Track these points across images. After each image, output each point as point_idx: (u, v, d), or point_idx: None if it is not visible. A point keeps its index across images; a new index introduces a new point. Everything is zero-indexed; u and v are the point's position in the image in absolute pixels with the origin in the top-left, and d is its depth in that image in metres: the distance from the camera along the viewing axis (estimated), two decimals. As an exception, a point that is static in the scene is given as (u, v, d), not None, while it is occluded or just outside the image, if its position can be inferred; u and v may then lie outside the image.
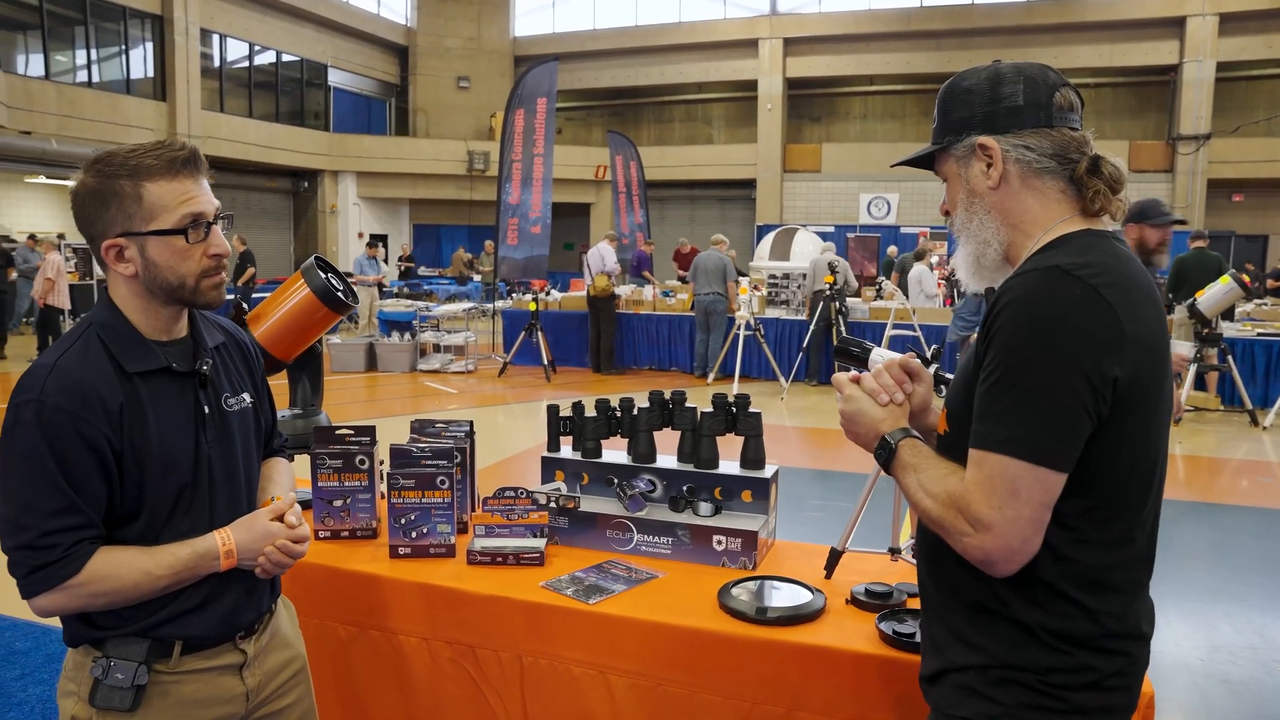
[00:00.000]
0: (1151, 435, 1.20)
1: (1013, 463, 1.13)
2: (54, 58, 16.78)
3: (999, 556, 1.15)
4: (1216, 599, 4.20)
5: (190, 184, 1.40)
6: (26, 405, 1.32)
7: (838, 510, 5.34)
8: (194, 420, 1.46)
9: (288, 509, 1.52)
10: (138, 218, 1.37)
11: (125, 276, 1.41)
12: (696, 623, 1.84)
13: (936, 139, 1.36)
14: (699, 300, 10.29)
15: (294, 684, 1.65)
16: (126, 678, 1.39)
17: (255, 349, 1.67)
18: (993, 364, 1.16)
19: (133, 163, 1.37)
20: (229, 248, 1.47)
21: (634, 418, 2.34)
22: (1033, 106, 1.27)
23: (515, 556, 2.14)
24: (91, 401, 1.34)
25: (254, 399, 1.60)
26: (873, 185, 21.47)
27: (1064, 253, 1.20)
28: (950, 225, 1.39)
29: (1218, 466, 6.97)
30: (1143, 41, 20.02)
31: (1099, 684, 1.19)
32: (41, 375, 1.34)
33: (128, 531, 1.41)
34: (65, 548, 1.33)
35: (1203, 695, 3.31)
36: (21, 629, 3.56)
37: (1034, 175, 1.28)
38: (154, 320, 1.45)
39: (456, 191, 22.87)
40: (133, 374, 1.39)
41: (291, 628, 1.71)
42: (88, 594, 1.35)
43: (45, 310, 11.56)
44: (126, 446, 1.37)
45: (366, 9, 23.43)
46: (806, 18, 22.49)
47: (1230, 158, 19.39)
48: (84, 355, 1.38)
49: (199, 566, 1.42)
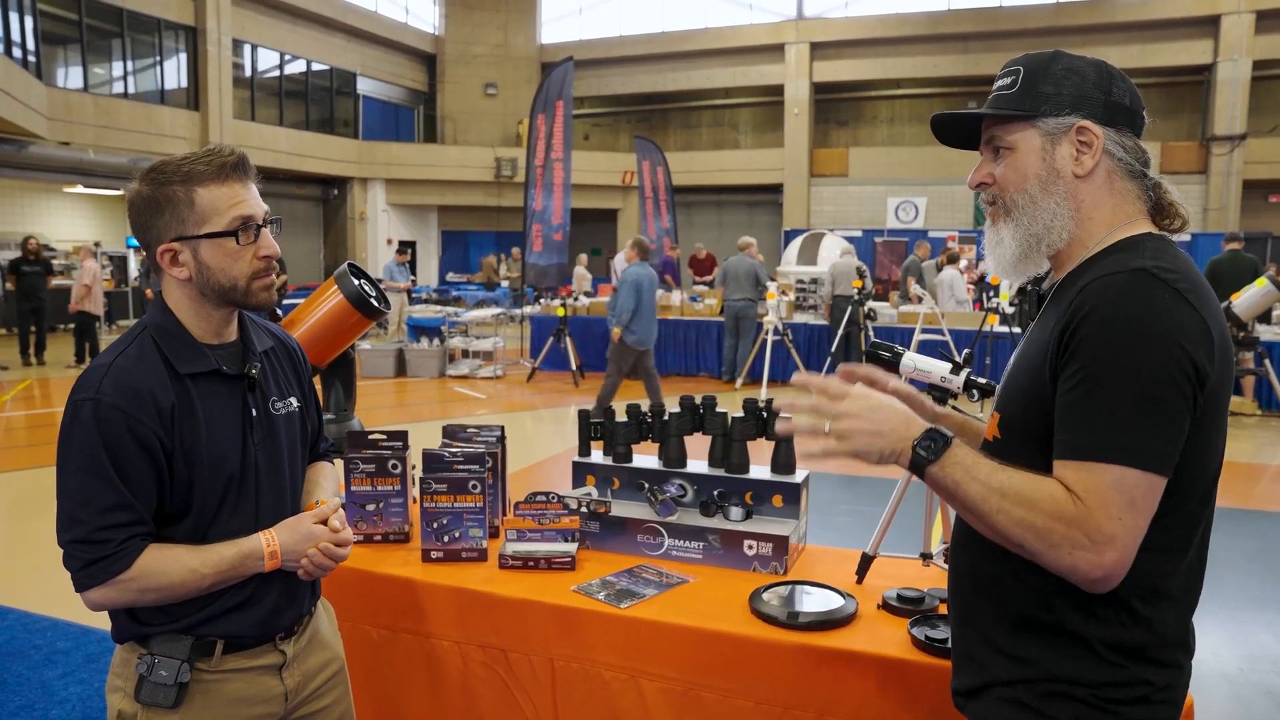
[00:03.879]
0: (1217, 441, 1.19)
1: (1130, 472, 1.08)
2: (92, 70, 17.12)
3: (1117, 572, 1.09)
4: (1257, 607, 4.12)
5: (239, 188, 1.44)
6: (84, 403, 1.36)
7: (868, 515, 5.31)
8: (242, 422, 1.49)
9: (331, 513, 1.55)
10: (190, 222, 1.41)
11: (180, 280, 1.45)
12: (728, 627, 1.84)
13: (1022, 105, 1.25)
14: (729, 305, 10.24)
15: (332, 685, 1.68)
16: (170, 675, 1.42)
17: (303, 355, 1.70)
18: (1085, 373, 1.11)
19: (185, 169, 1.41)
20: (278, 249, 1.50)
21: (665, 423, 2.34)
22: (1134, 112, 1.25)
23: (547, 561, 2.15)
24: (145, 401, 1.37)
25: (301, 404, 1.63)
26: (900, 189, 21.33)
27: (1141, 255, 1.16)
28: (997, 199, 1.29)
29: (1255, 472, 6.84)
30: (1175, 41, 19.74)
31: (1149, 698, 1.17)
32: (98, 374, 1.38)
33: (176, 530, 1.44)
34: (118, 543, 1.36)
35: (1244, 705, 3.25)
36: (63, 629, 3.63)
37: (1120, 176, 1.25)
38: (206, 323, 1.48)
39: (484, 198, 23.01)
40: (184, 375, 1.43)
41: (331, 630, 1.74)
42: (137, 589, 1.38)
43: (81, 316, 11.77)
44: (177, 445, 1.40)
45: (395, 18, 23.67)
46: (833, 22, 22.41)
47: (1266, 158, 19.04)
48: (139, 356, 1.42)
49: (244, 566, 1.45)
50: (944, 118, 1.34)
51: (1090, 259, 1.23)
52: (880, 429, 1.21)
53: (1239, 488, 6.36)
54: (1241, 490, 6.32)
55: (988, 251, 1.33)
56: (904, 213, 21.18)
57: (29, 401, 9.46)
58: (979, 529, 1.19)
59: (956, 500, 1.18)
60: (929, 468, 1.18)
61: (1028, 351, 1.25)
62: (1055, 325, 1.17)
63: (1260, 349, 8.10)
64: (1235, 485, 6.40)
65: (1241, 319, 7.67)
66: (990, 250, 1.32)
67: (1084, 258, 1.24)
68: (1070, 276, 1.24)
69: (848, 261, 10.21)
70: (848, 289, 9.78)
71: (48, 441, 7.69)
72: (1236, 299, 7.68)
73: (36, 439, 7.80)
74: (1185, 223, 1.27)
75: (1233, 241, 9.24)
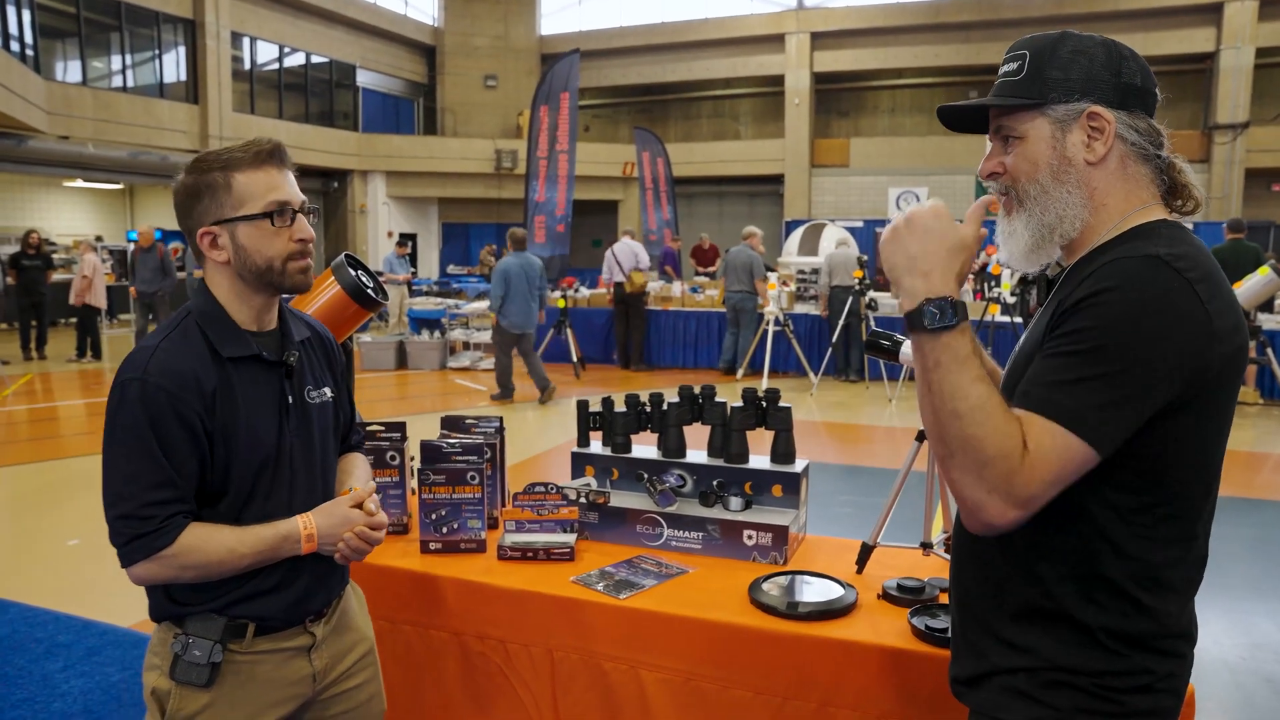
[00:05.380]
0: (1223, 432, 1.18)
1: (1082, 447, 1.07)
2: (90, 63, 17.08)
3: (1010, 527, 1.10)
4: (1258, 596, 4.12)
5: (276, 174, 1.51)
6: (131, 383, 1.42)
7: (868, 505, 5.30)
8: (279, 408, 1.54)
9: (366, 497, 1.59)
10: (228, 205, 1.48)
11: (219, 264, 1.52)
12: (727, 617, 1.84)
13: (1029, 92, 1.21)
14: (728, 297, 10.25)
15: (361, 667, 1.71)
16: (203, 655, 1.47)
17: (337, 347, 1.75)
18: (1078, 336, 1.09)
19: (224, 158, 1.49)
20: (313, 233, 1.55)
21: (664, 413, 2.34)
22: (1146, 91, 1.22)
23: (545, 552, 2.15)
24: (188, 383, 1.43)
25: (334, 394, 1.68)
26: (902, 179, 21.27)
27: (1155, 242, 1.14)
28: (1009, 189, 1.26)
29: (1257, 461, 6.83)
30: (1177, 29, 19.65)
31: (1151, 686, 1.17)
32: (145, 356, 1.44)
33: (212, 512, 1.49)
34: (161, 519, 1.41)
35: (1245, 694, 3.25)
36: (64, 622, 3.63)
37: (1134, 160, 1.22)
38: (247, 310, 1.54)
39: (485, 190, 22.97)
40: (226, 359, 1.49)
41: (361, 613, 1.77)
42: (178, 565, 1.43)
43: (83, 310, 11.77)
44: (217, 427, 1.46)
45: (394, 9, 23.60)
46: (833, 11, 22.33)
47: (1270, 146, 18.98)
48: (184, 339, 1.48)
49: (281, 548, 1.50)
50: (951, 109, 1.31)
51: (1102, 245, 1.21)
52: (910, 248, 1.16)
53: (1241, 477, 6.35)
54: (1243, 479, 6.31)
55: (1001, 242, 1.30)
56: (905, 203, 21.13)
57: (30, 396, 9.47)
58: (925, 416, 1.15)
59: (930, 379, 1.13)
60: (922, 333, 1.13)
61: (1031, 337, 1.24)
62: (1057, 306, 1.16)
63: (1262, 338, 8.08)
64: (1237, 474, 6.39)
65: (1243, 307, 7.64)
66: (1004, 241, 1.30)
67: (1096, 244, 1.22)
68: (1081, 263, 1.22)
69: (844, 252, 10.18)
70: (847, 279, 9.74)
71: (49, 436, 7.70)
72: (1238, 288, 7.65)
73: (38, 433, 7.81)
74: (1199, 203, 1.25)
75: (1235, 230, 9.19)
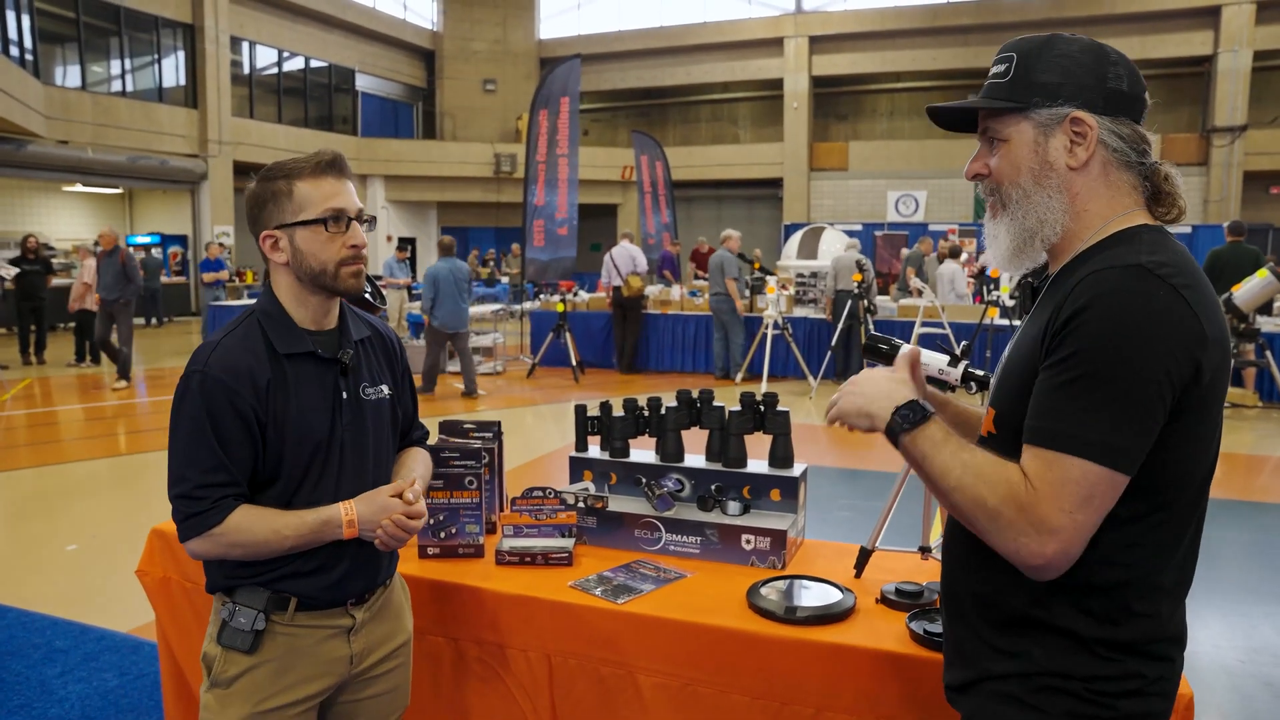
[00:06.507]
0: (1215, 437, 1.18)
1: (1093, 468, 1.07)
2: (90, 68, 17.10)
3: (1059, 563, 1.09)
4: (1257, 599, 4.11)
5: (335, 183, 1.61)
6: (193, 375, 1.54)
7: (867, 509, 5.30)
8: (332, 403, 1.63)
9: (407, 487, 1.65)
10: (289, 211, 1.59)
11: (280, 265, 1.62)
12: (725, 622, 1.84)
13: (1015, 95, 1.22)
14: (710, 301, 10.30)
15: (395, 656, 1.77)
16: (248, 622, 1.58)
17: (401, 347, 1.82)
18: (1071, 361, 1.09)
19: (288, 167, 1.60)
20: (366, 240, 1.64)
21: (661, 417, 2.33)
22: (1133, 97, 1.21)
23: (543, 556, 2.14)
24: (243, 376, 1.54)
25: (393, 391, 1.76)
26: (900, 183, 21.32)
27: (1137, 249, 1.14)
28: (994, 190, 1.27)
29: (1256, 464, 6.83)
30: (1175, 33, 19.71)
31: (1142, 690, 1.17)
32: (208, 351, 1.56)
33: (265, 497, 1.59)
34: (213, 500, 1.52)
35: (1244, 698, 3.25)
36: (61, 628, 3.63)
37: (1116, 167, 1.22)
38: (306, 310, 1.64)
39: (484, 194, 22.99)
40: (282, 355, 1.59)
41: (405, 606, 1.84)
42: (227, 543, 1.54)
43: (81, 315, 11.75)
44: (270, 418, 1.56)
45: (393, 14, 23.64)
46: (832, 15, 22.38)
47: (1267, 149, 19.03)
48: (244, 336, 1.59)
49: (323, 532, 1.58)
50: (939, 109, 1.32)
51: (1085, 252, 1.21)
52: (867, 393, 1.27)
53: (1239, 480, 6.35)
54: (1242, 482, 6.31)
55: (987, 244, 1.32)
56: (904, 206, 21.17)
57: (29, 401, 9.46)
58: (941, 503, 1.21)
59: (923, 471, 1.20)
60: (902, 436, 1.21)
61: (1020, 347, 1.24)
62: (1046, 319, 1.16)
63: (1261, 340, 8.08)
64: (1236, 477, 6.39)
65: (1242, 310, 7.64)
66: (989, 243, 1.31)
67: (1078, 250, 1.22)
68: (1065, 270, 1.22)
69: (849, 255, 10.19)
70: (847, 283, 9.75)
71: (48, 441, 7.69)
72: (1237, 290, 7.65)
73: (37, 438, 7.80)
74: (1182, 212, 1.25)
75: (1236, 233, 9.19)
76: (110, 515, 5.51)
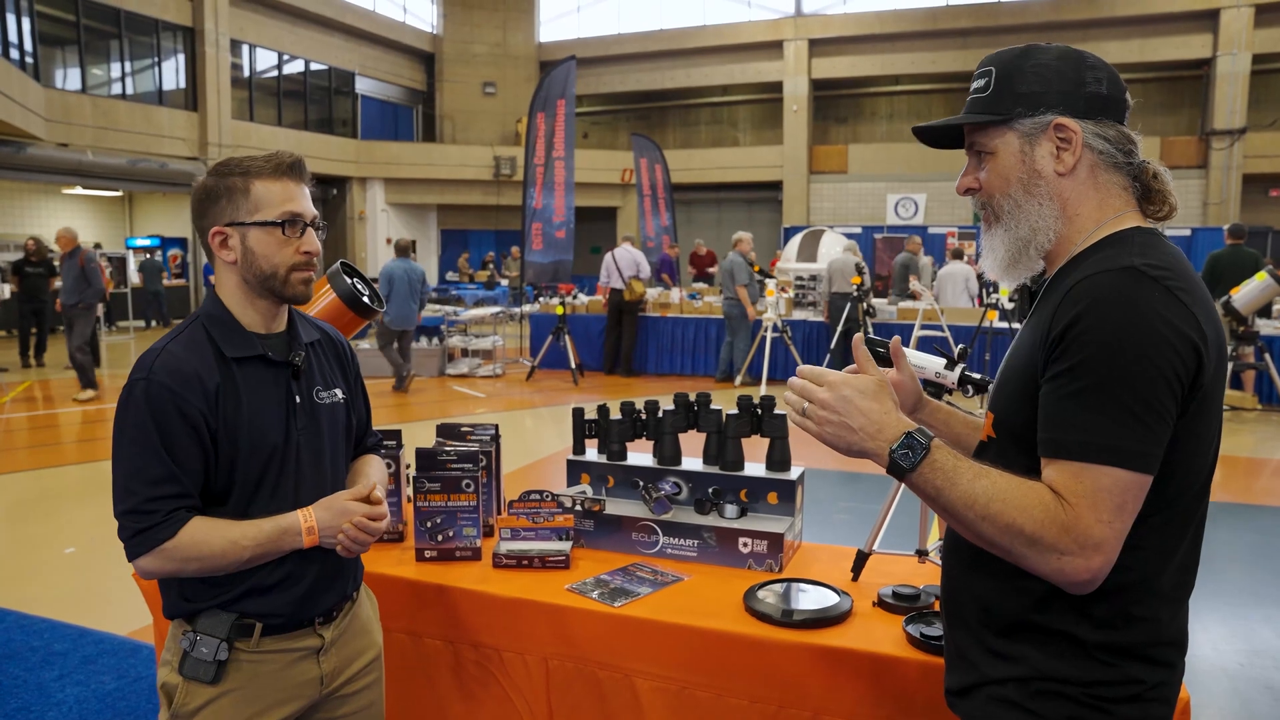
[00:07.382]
0: (1214, 438, 1.18)
1: (1122, 474, 1.06)
2: (90, 71, 17.11)
3: (1102, 576, 1.08)
4: (1257, 602, 4.11)
5: (293, 187, 1.57)
6: (137, 383, 1.48)
7: (864, 512, 5.30)
8: (285, 407, 1.58)
9: (368, 491, 1.61)
10: (244, 210, 1.54)
11: (227, 264, 1.57)
12: (722, 625, 1.84)
13: (996, 108, 1.23)
14: (723, 305, 10.30)
15: (367, 672, 1.72)
16: (210, 652, 1.51)
17: (351, 351, 1.79)
18: (1078, 371, 1.09)
19: (246, 165, 1.56)
20: (319, 248, 1.60)
21: (659, 420, 2.33)
22: (1114, 99, 1.22)
23: (541, 559, 2.14)
24: (191, 382, 1.48)
25: (346, 396, 1.71)
26: (900, 186, 21.31)
27: (1130, 252, 1.14)
28: (986, 204, 1.28)
29: (1256, 467, 6.83)
30: (1174, 35, 19.71)
31: (1141, 696, 1.16)
32: (151, 357, 1.50)
33: (222, 508, 1.53)
34: (164, 514, 1.46)
35: (1244, 701, 3.24)
36: (60, 631, 3.62)
37: (1104, 169, 1.22)
38: (254, 313, 1.59)
39: (483, 197, 22.99)
40: (231, 359, 1.53)
41: (373, 619, 1.79)
42: (181, 558, 1.47)
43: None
44: (221, 424, 1.50)
45: (393, 17, 23.65)
46: (831, 18, 22.38)
47: (1267, 152, 19.00)
48: (189, 341, 1.53)
49: (283, 540, 1.52)
50: (924, 128, 1.33)
51: (1078, 256, 1.21)
52: (850, 423, 1.19)
53: (1239, 483, 6.35)
54: (1242, 485, 6.30)
55: (983, 256, 1.34)
56: (904, 209, 21.16)
57: (29, 403, 9.46)
58: (962, 534, 1.18)
59: (938, 505, 1.16)
60: (909, 475, 1.17)
61: (1019, 352, 1.24)
62: (1044, 325, 1.16)
63: (1260, 343, 8.07)
64: (1236, 480, 6.39)
65: (1241, 313, 7.65)
66: (985, 255, 1.32)
67: (1072, 254, 1.23)
68: (1059, 274, 1.23)
69: (846, 258, 10.19)
70: (845, 286, 9.76)
71: (47, 443, 7.69)
72: (1236, 293, 7.66)
73: (36, 440, 7.80)
74: (1173, 209, 1.25)
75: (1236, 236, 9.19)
76: (109, 518, 5.46)
